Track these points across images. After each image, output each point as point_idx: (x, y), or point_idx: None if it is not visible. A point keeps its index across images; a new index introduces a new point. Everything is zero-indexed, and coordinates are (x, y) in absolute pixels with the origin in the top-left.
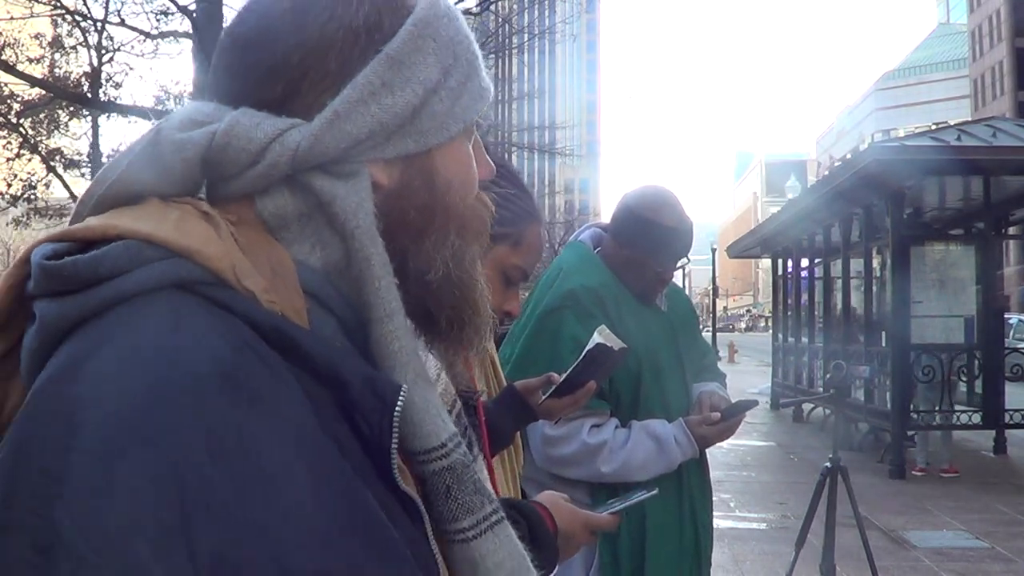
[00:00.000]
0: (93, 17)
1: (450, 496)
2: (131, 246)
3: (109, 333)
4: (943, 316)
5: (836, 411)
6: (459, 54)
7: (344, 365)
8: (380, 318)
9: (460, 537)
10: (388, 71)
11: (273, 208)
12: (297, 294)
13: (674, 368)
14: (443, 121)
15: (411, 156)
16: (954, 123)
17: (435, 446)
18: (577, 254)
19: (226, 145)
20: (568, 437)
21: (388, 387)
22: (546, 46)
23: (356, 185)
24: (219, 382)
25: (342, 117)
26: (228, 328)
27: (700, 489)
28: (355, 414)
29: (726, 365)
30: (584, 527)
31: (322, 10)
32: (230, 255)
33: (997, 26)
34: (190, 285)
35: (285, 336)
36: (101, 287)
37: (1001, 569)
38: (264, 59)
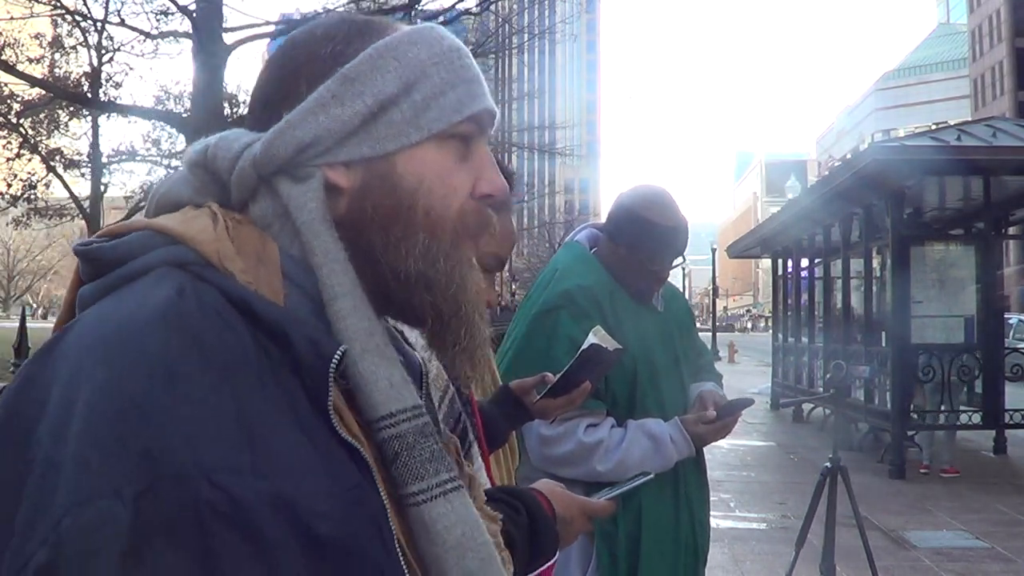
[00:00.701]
0: (93, 17)
1: (398, 461)
2: (144, 235)
3: (108, 300)
4: (943, 316)
5: (836, 411)
6: (431, 73)
7: (292, 328)
8: (328, 300)
9: (411, 501)
10: (340, 86)
11: (259, 211)
12: (277, 278)
13: (670, 368)
14: (402, 129)
15: (370, 160)
16: (954, 123)
17: (383, 415)
18: (573, 254)
19: (215, 156)
20: (564, 436)
21: (328, 346)
22: (546, 46)
23: (307, 186)
24: (162, 321)
25: (292, 125)
26: (194, 288)
27: (697, 488)
28: (302, 371)
29: (726, 365)
30: (582, 513)
31: (301, 47)
32: (218, 242)
33: (997, 26)
34: (183, 264)
35: (244, 302)
36: (118, 269)
37: (1001, 569)
38: (262, 92)
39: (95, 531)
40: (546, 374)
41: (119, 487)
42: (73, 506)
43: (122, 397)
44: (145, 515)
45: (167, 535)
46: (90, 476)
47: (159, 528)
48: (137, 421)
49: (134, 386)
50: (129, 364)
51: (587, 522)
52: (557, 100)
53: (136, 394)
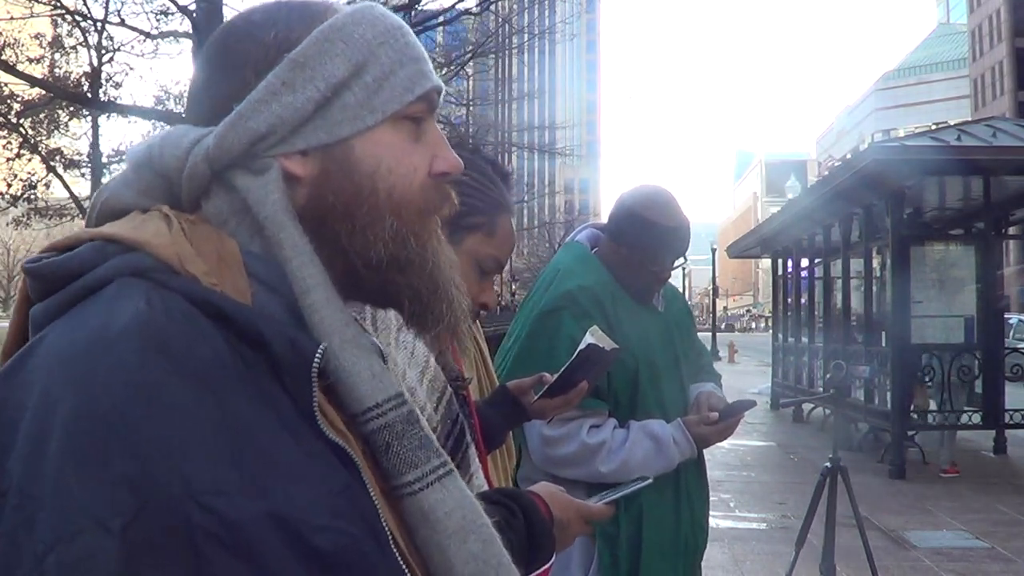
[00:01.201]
0: (93, 17)
1: (390, 451)
2: (96, 246)
3: (68, 316)
4: (943, 316)
5: (836, 411)
6: (379, 53)
7: (267, 328)
8: (299, 293)
9: (407, 491)
10: (290, 72)
11: (213, 209)
12: (242, 277)
13: (671, 368)
14: (357, 113)
15: (326, 147)
16: (954, 123)
17: (369, 407)
18: (574, 255)
19: (160, 154)
20: (567, 437)
21: (308, 344)
22: (546, 46)
23: (265, 179)
24: (136, 335)
25: (243, 116)
26: (160, 298)
27: (697, 489)
28: (282, 373)
29: (726, 365)
30: (579, 517)
31: (241, 34)
32: (176, 245)
33: (997, 26)
34: (142, 272)
35: (214, 306)
36: (73, 283)
37: (1001, 569)
38: (202, 83)
39: (84, 568)
40: (544, 374)
41: (105, 518)
42: (57, 542)
43: (99, 420)
44: (135, 546)
45: (160, 565)
46: (73, 508)
47: (151, 558)
48: (118, 445)
49: (111, 407)
50: (104, 384)
51: (584, 526)
52: (557, 100)
53: (114, 415)
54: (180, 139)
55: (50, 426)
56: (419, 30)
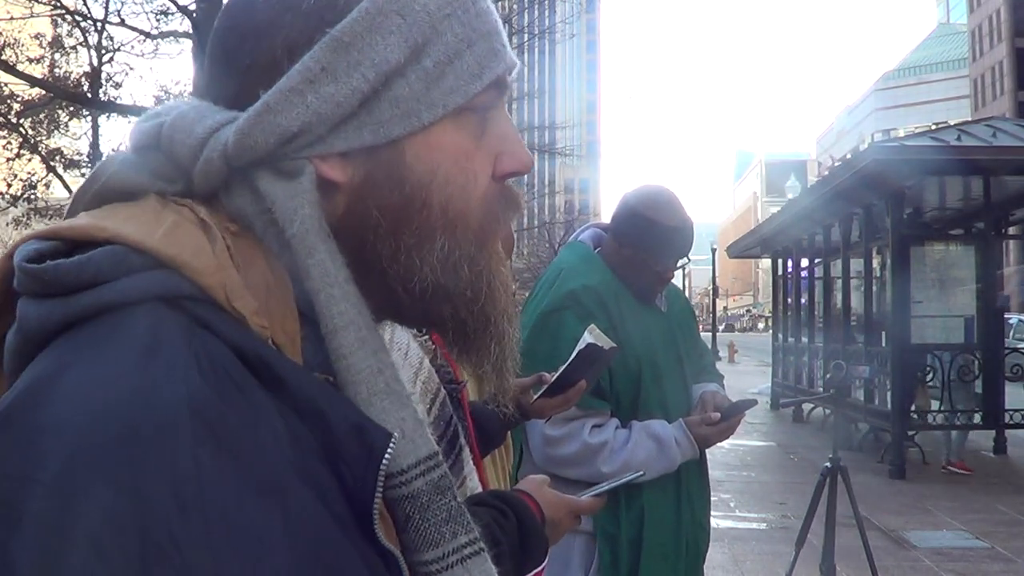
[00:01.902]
0: (93, 17)
1: (410, 525)
2: (117, 252)
3: (84, 353)
4: (943, 316)
5: (836, 411)
6: (442, 29)
7: (331, 407)
8: (326, 333)
9: (423, 571)
10: (332, 54)
11: (233, 208)
12: (292, 317)
13: (673, 368)
14: (411, 107)
15: (372, 149)
16: (954, 123)
17: (393, 472)
18: (577, 254)
19: (171, 138)
20: (569, 437)
21: (377, 437)
22: (546, 46)
23: (295, 187)
24: (189, 423)
25: (272, 110)
26: (209, 357)
27: (699, 489)
28: (339, 461)
29: (726, 365)
30: (569, 513)
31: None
32: (222, 271)
33: (997, 26)
34: (175, 300)
35: (271, 369)
36: (83, 294)
37: (1001, 569)
38: (219, 54)
39: None
40: (543, 374)
41: None
42: None
43: (144, 533)
44: None
45: None
46: None
47: None
48: (166, 571)
49: (160, 520)
50: (150, 485)
51: (575, 521)
52: (557, 100)
53: (163, 532)
54: (193, 125)
55: (74, 527)
56: None
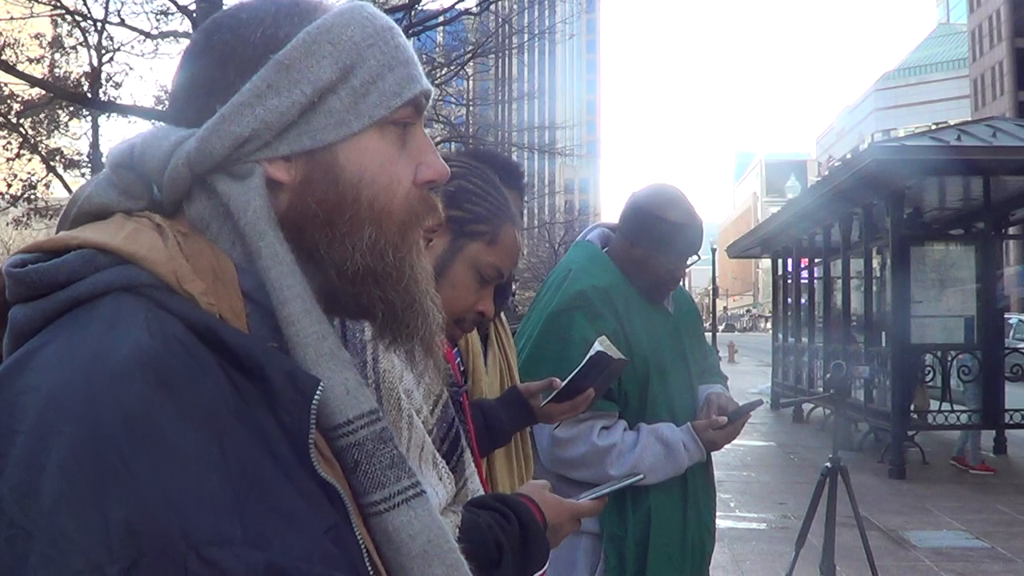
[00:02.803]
0: (93, 17)
1: (358, 470)
2: (86, 254)
3: (57, 331)
4: (943, 316)
5: (836, 411)
6: (367, 56)
7: (267, 361)
8: (276, 304)
9: (373, 510)
10: (275, 74)
11: (195, 212)
12: (237, 297)
13: (680, 369)
14: (342, 118)
15: (311, 152)
16: (954, 123)
17: (339, 423)
18: (586, 254)
19: (142, 154)
20: (577, 439)
21: (308, 381)
22: (546, 46)
23: (247, 184)
24: (141, 371)
25: (226, 119)
26: (160, 325)
27: (705, 491)
28: (278, 407)
29: (726, 365)
30: (571, 517)
31: (226, 32)
32: (173, 261)
33: (997, 26)
34: (136, 288)
35: (215, 334)
36: (60, 293)
37: (1001, 569)
38: (185, 81)
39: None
40: (554, 379)
41: (102, 564)
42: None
43: (100, 459)
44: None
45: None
46: (69, 550)
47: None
48: (117, 488)
49: (112, 448)
50: (105, 421)
51: (576, 524)
52: (557, 100)
53: (115, 457)
54: (161, 140)
55: (45, 459)
56: (419, 30)
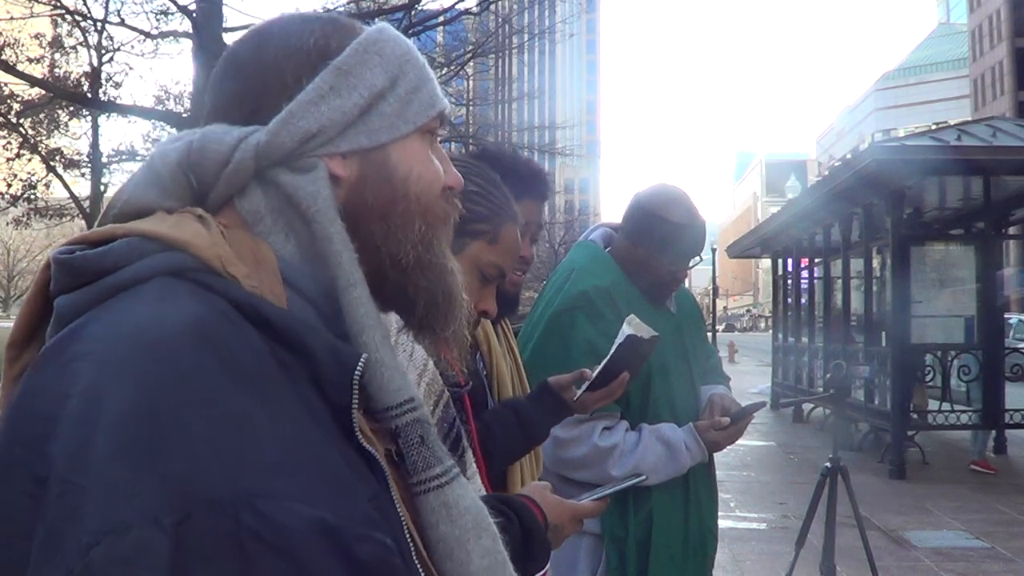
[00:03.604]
0: (93, 17)
1: (424, 445)
2: (133, 242)
3: (107, 308)
4: (943, 316)
5: (836, 411)
6: (406, 69)
7: (310, 337)
8: (344, 288)
9: (435, 483)
10: (336, 78)
11: (249, 206)
12: (278, 282)
13: (682, 370)
14: (393, 121)
15: (365, 151)
16: (954, 123)
17: (405, 400)
18: (589, 254)
19: (202, 148)
20: (579, 439)
21: (350, 354)
22: (546, 46)
23: (314, 176)
24: (193, 337)
25: (295, 115)
26: (208, 300)
27: (707, 493)
28: (321, 380)
29: (726, 365)
30: (572, 518)
31: (279, 40)
32: (217, 246)
33: (997, 26)
34: (181, 272)
35: (260, 312)
36: (107, 278)
37: (1001, 569)
38: (233, 86)
39: (133, 560)
40: (584, 370)
41: (157, 514)
42: (106, 534)
43: (156, 418)
44: (186, 543)
45: (208, 564)
46: (123, 501)
47: (200, 557)
48: (173, 444)
49: (168, 407)
50: (161, 381)
51: (577, 525)
52: (557, 100)
53: (171, 415)
54: (223, 135)
55: (99, 418)
56: (419, 30)
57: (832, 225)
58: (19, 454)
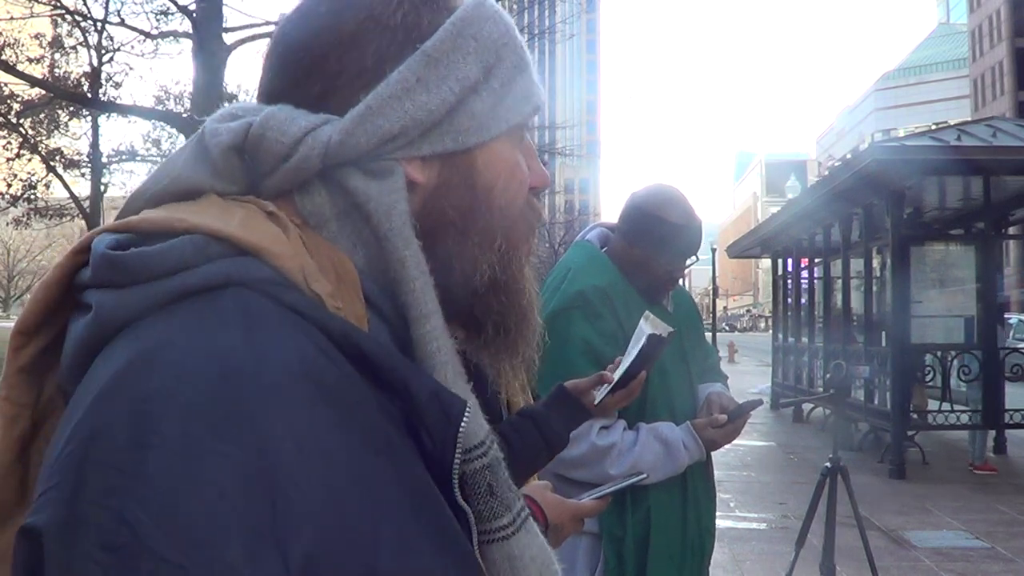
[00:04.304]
0: (93, 17)
1: (492, 494)
2: (198, 241)
3: (180, 327)
4: (943, 316)
5: (836, 411)
6: (503, 56)
7: (412, 378)
8: (417, 319)
9: (501, 535)
10: (424, 68)
11: (311, 206)
12: (359, 301)
13: (680, 369)
14: (484, 121)
15: (449, 155)
16: (954, 123)
17: (476, 444)
18: (585, 254)
19: (261, 136)
20: (577, 439)
21: (454, 403)
22: (546, 46)
23: (390, 184)
24: (305, 382)
25: (374, 112)
26: (308, 331)
27: (705, 492)
28: (420, 427)
29: (726, 365)
30: (572, 517)
31: (359, 9)
32: (299, 256)
33: (997, 26)
34: (257, 284)
35: (355, 344)
36: (165, 280)
37: (1001, 569)
38: (302, 59)
39: None
40: (604, 373)
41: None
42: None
43: (271, 487)
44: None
45: None
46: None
47: None
48: (294, 516)
49: (286, 474)
50: (274, 443)
51: (578, 524)
52: (557, 100)
53: (290, 483)
54: (286, 124)
55: (195, 481)
56: None
57: (832, 225)
58: (90, 512)
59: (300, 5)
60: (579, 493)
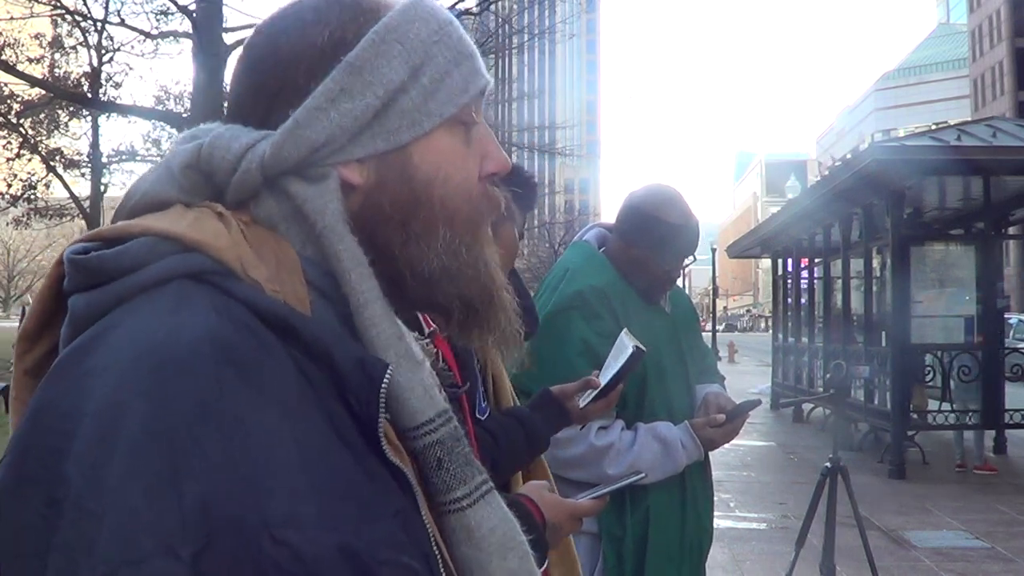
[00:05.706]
0: (93, 17)
1: (442, 468)
2: (149, 242)
3: (121, 316)
4: (943, 316)
5: (836, 411)
6: (433, 53)
7: (336, 347)
8: (356, 307)
9: (455, 507)
10: (347, 77)
11: (264, 212)
12: (300, 284)
13: (677, 369)
14: (414, 118)
15: (384, 154)
16: (954, 123)
17: (422, 423)
18: (583, 254)
19: (210, 155)
20: (575, 439)
21: (376, 366)
22: (546, 46)
23: (323, 188)
24: (212, 351)
25: (301, 124)
26: (228, 309)
27: (703, 492)
28: (347, 392)
29: (726, 365)
30: (570, 517)
31: (293, 34)
32: (237, 248)
33: (997, 26)
34: (200, 275)
35: (283, 320)
36: (124, 279)
37: (1001, 569)
38: (250, 82)
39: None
40: (590, 378)
41: (175, 544)
42: (123, 564)
43: (173, 439)
44: (204, 574)
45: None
46: (141, 530)
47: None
48: (192, 467)
49: (185, 427)
50: (178, 401)
51: (575, 524)
52: (557, 100)
53: (188, 436)
54: (230, 142)
55: (116, 438)
56: None
57: (832, 225)
58: (34, 471)
59: (250, 36)
60: (577, 493)
